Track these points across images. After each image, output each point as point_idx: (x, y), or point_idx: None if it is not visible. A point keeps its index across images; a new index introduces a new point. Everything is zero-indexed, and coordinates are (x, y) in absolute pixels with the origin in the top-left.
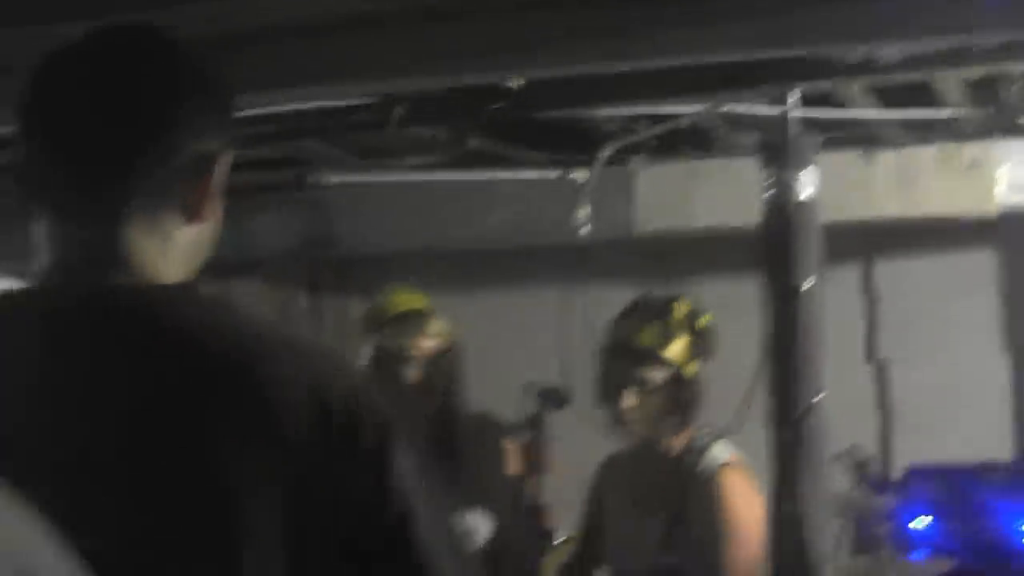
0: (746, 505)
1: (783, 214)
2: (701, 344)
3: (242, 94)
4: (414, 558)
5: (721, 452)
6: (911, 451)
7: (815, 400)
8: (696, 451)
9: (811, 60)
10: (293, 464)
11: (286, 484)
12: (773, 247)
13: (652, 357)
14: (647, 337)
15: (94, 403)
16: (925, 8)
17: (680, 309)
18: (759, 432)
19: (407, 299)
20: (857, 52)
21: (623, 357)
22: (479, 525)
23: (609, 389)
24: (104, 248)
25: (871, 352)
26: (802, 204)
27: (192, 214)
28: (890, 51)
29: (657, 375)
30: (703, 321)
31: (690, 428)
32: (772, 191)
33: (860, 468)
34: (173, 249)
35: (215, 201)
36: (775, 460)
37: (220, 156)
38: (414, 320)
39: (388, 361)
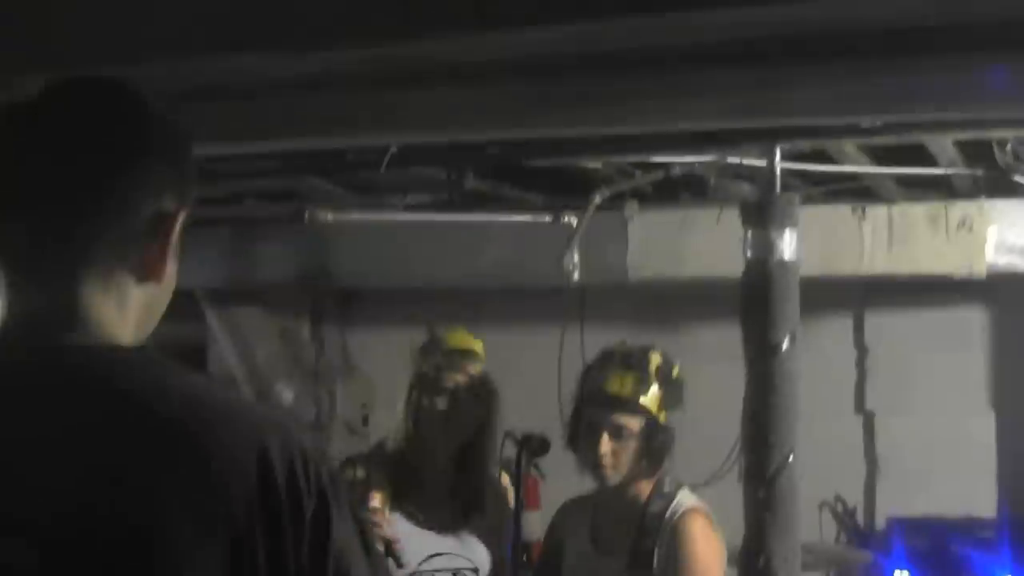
0: (709, 549)
1: (764, 273)
2: (673, 394)
3: (245, 142)
4: None
5: (686, 498)
6: (895, 502)
7: (788, 458)
8: (663, 496)
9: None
10: (238, 529)
11: (230, 549)
12: (753, 305)
13: (629, 405)
14: (625, 386)
15: (44, 464)
16: (913, 85)
17: (654, 360)
18: (734, 485)
19: (463, 338)
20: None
21: (600, 404)
22: (484, 559)
23: (585, 435)
24: (61, 306)
25: (860, 403)
26: (783, 263)
27: (147, 274)
28: (873, 118)
29: (633, 423)
30: (675, 371)
31: (657, 474)
32: (753, 249)
33: (844, 518)
34: (129, 308)
35: (171, 262)
36: (747, 516)
37: (177, 216)
38: (460, 356)
39: (424, 389)
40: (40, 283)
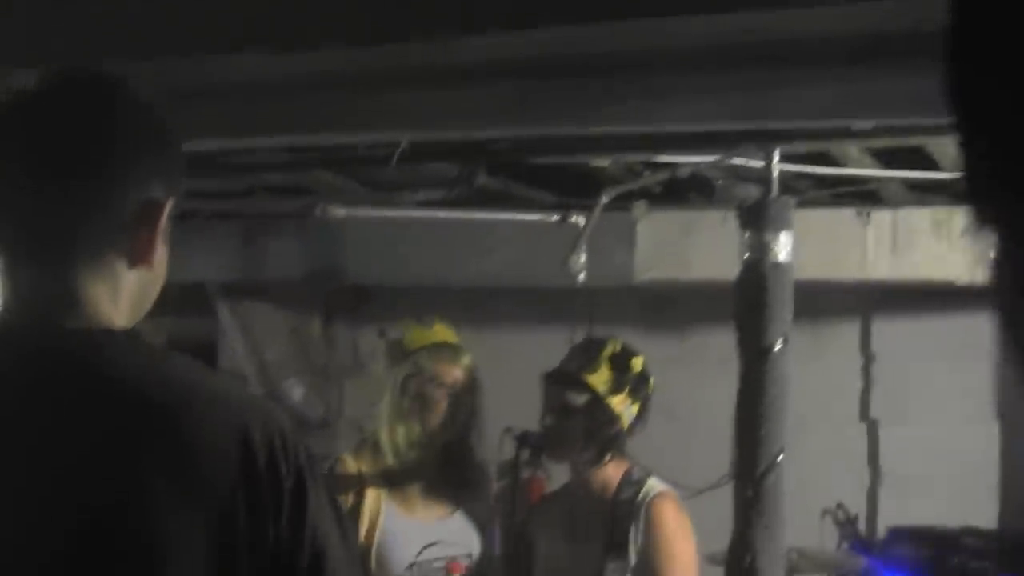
0: (681, 530)
1: (758, 275)
2: (625, 382)
3: (251, 137)
4: None
5: (655, 484)
6: (897, 511)
7: (777, 459)
8: (632, 484)
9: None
10: (220, 509)
11: (213, 527)
12: (747, 307)
13: (574, 381)
14: (572, 363)
15: (31, 443)
16: (909, 88)
17: (611, 346)
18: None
19: (443, 332)
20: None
21: (550, 382)
22: (476, 544)
23: (541, 413)
24: (55, 290)
25: (865, 411)
26: (777, 265)
27: (138, 260)
28: (865, 121)
29: (576, 399)
30: (633, 363)
31: (625, 463)
32: (749, 250)
33: (845, 525)
34: (122, 293)
35: (161, 247)
36: (735, 515)
37: (165, 204)
38: (450, 350)
39: (419, 385)
40: (35, 268)
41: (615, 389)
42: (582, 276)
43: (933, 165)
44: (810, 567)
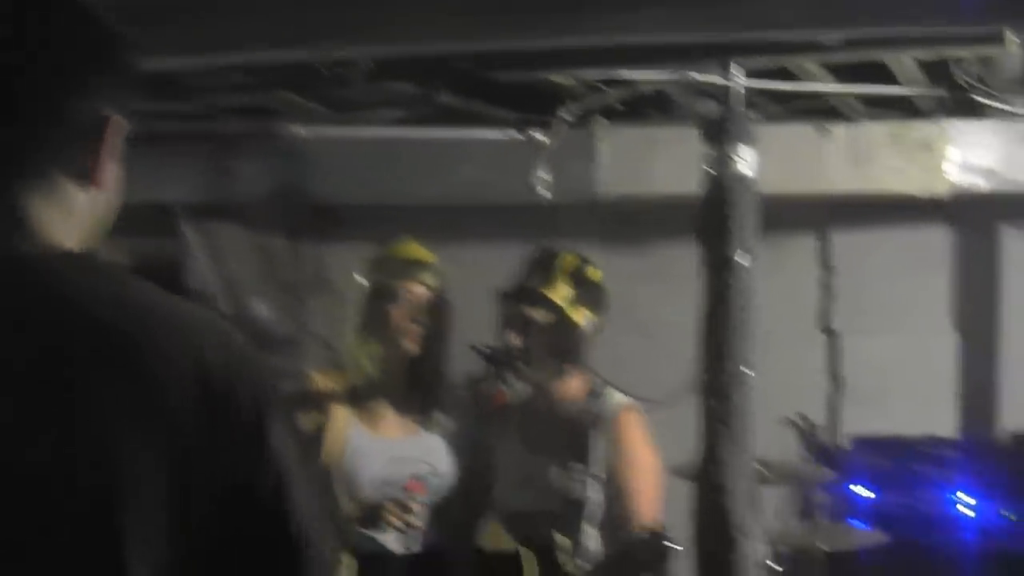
0: (647, 442)
1: (722, 187)
2: (586, 294)
3: (222, 52)
4: (288, 525)
5: (619, 396)
6: (858, 421)
7: (744, 371)
8: (596, 395)
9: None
10: (176, 436)
11: (169, 455)
12: (710, 220)
13: (536, 297)
14: (533, 280)
15: None
16: None
17: (568, 260)
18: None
19: (415, 249)
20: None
21: (512, 299)
22: (445, 462)
23: (500, 330)
24: (1, 216)
25: (824, 323)
26: (741, 178)
27: (88, 179)
28: (833, 34)
29: (540, 315)
30: (591, 273)
31: (587, 375)
32: (712, 164)
33: (807, 436)
34: (73, 215)
35: (112, 166)
36: (704, 429)
37: (114, 120)
38: (414, 266)
39: (380, 298)
40: None
41: (576, 302)
42: (546, 192)
43: (891, 79)
44: (775, 478)
